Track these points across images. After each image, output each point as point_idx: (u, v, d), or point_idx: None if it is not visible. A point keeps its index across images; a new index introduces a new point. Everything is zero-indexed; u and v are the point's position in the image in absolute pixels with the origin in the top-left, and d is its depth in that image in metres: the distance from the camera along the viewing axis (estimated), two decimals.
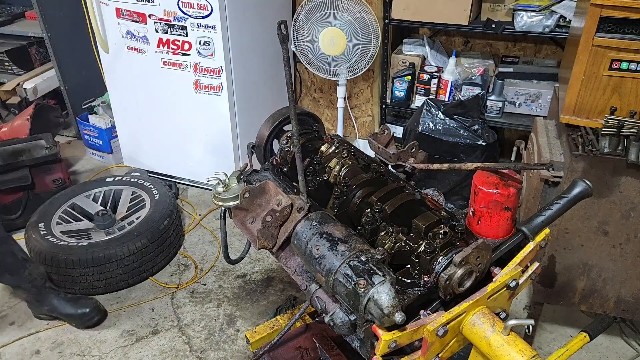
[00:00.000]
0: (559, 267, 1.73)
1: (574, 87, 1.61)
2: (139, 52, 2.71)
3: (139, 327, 2.12)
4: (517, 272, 0.97)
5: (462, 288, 0.95)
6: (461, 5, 2.59)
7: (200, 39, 2.53)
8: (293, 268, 1.08)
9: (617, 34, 1.51)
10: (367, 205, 1.10)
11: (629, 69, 1.53)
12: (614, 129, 1.49)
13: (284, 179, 1.26)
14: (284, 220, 1.07)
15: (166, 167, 3.08)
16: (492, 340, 0.88)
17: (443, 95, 2.89)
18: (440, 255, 0.97)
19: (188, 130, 2.84)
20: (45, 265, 2.18)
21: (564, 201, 1.07)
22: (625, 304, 1.73)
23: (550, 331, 2.06)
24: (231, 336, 2.07)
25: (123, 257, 2.20)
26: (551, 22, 2.47)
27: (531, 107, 2.78)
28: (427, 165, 1.27)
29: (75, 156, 3.46)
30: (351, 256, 0.90)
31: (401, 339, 0.87)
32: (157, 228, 2.33)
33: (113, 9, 2.65)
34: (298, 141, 1.04)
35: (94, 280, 2.20)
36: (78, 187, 2.65)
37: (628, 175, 1.53)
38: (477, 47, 3.14)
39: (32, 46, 3.60)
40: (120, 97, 2.99)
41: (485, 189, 1.06)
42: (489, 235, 1.09)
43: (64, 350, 2.02)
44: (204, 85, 2.65)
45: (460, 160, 2.62)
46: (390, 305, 0.83)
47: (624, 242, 1.63)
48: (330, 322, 0.95)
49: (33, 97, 3.42)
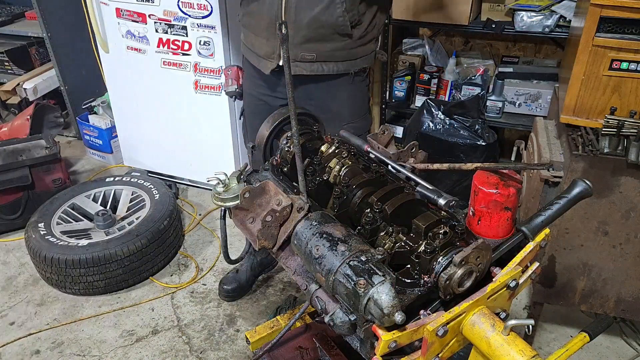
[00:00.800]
0: (559, 267, 1.73)
1: (574, 87, 1.61)
2: (139, 52, 2.71)
3: (139, 327, 2.12)
4: (517, 272, 0.97)
5: (462, 288, 0.95)
6: (461, 5, 2.59)
7: (200, 39, 2.53)
8: (293, 268, 1.08)
9: (617, 34, 1.51)
10: (367, 205, 1.10)
11: (629, 69, 1.53)
12: (614, 129, 1.49)
13: (284, 179, 1.26)
14: (284, 220, 1.07)
15: (166, 167, 3.08)
16: (492, 340, 0.88)
17: (443, 95, 2.90)
18: (440, 255, 0.97)
19: (188, 130, 2.85)
20: (45, 265, 2.18)
21: (564, 201, 1.07)
22: (625, 304, 1.73)
23: (550, 331, 2.06)
24: (231, 336, 2.07)
25: (123, 257, 2.21)
26: (551, 22, 2.48)
27: (531, 107, 2.78)
28: (427, 165, 1.26)
29: (75, 156, 3.46)
30: (351, 256, 0.90)
31: (401, 339, 0.87)
32: (157, 228, 2.33)
33: (113, 9, 2.65)
34: (298, 141, 1.04)
35: (94, 280, 2.20)
36: (78, 187, 2.65)
37: (628, 175, 1.53)
38: (477, 47, 3.14)
39: (32, 46, 3.60)
40: (120, 97, 2.99)
41: (485, 189, 1.06)
42: (489, 235, 1.09)
43: (64, 350, 2.02)
44: (204, 85, 2.65)
45: (460, 160, 2.62)
46: (390, 305, 0.83)
47: (624, 242, 1.63)
48: (330, 322, 0.95)
49: (33, 97, 3.42)
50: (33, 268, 2.38)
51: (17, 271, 2.44)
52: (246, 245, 1.60)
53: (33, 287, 2.33)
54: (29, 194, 2.69)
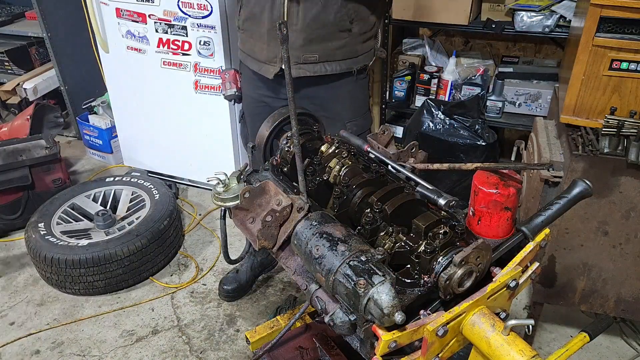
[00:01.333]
0: (559, 267, 1.73)
1: (574, 87, 1.61)
2: (139, 52, 2.71)
3: (139, 327, 2.12)
4: (517, 272, 0.97)
5: (462, 288, 0.95)
6: (461, 5, 2.59)
7: (200, 39, 2.53)
8: (293, 268, 1.08)
9: (617, 34, 1.51)
10: (367, 205, 1.10)
11: (629, 69, 1.53)
12: (614, 129, 1.49)
13: (284, 179, 1.26)
14: (284, 220, 1.07)
15: (166, 167, 3.08)
16: (492, 340, 0.88)
17: (443, 95, 2.90)
18: (440, 255, 0.97)
19: (188, 131, 2.85)
20: (45, 265, 2.18)
21: (564, 201, 1.07)
22: (625, 304, 1.73)
23: (550, 331, 2.06)
24: (231, 336, 2.07)
25: (123, 257, 2.20)
26: (551, 22, 2.48)
27: (531, 107, 2.78)
28: (427, 166, 1.26)
29: (75, 156, 3.47)
30: (351, 256, 0.90)
31: (401, 339, 0.87)
32: (157, 228, 2.33)
33: (113, 9, 2.65)
34: (298, 141, 1.04)
35: (94, 280, 2.20)
36: (78, 187, 2.66)
37: (628, 175, 1.53)
38: (477, 47, 3.14)
39: (32, 46, 3.60)
40: (120, 97, 2.99)
41: (485, 189, 1.06)
42: (489, 235, 1.09)
43: (64, 350, 2.02)
44: (203, 85, 2.65)
45: (460, 160, 2.62)
46: (390, 305, 0.83)
47: (624, 242, 1.63)
48: (330, 322, 0.95)
49: (33, 97, 3.43)
50: (33, 268, 2.38)
51: (17, 271, 2.44)
52: (246, 245, 1.60)
53: (33, 287, 2.34)
54: (29, 194, 2.69)
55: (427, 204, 1.12)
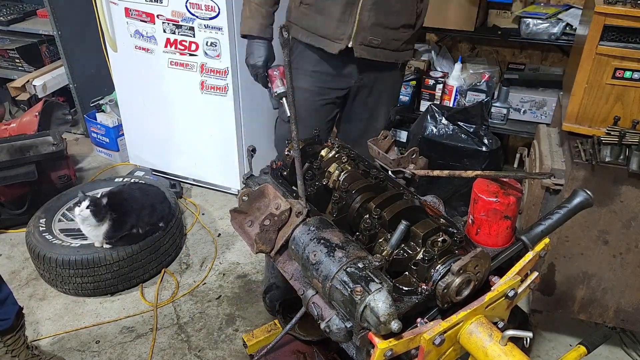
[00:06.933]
0: (559, 276, 1.72)
1: (577, 95, 1.61)
2: (147, 51, 2.73)
3: (139, 324, 2.13)
4: (516, 282, 0.97)
5: (460, 297, 0.95)
6: (467, 11, 2.59)
7: (207, 40, 2.54)
8: (290, 273, 1.08)
9: (621, 42, 1.51)
10: (365, 211, 1.10)
11: (632, 78, 1.53)
12: (616, 138, 1.48)
13: (283, 182, 1.26)
14: (282, 225, 1.06)
15: (171, 166, 3.10)
16: (489, 350, 0.88)
17: (448, 101, 2.89)
18: (439, 263, 0.97)
19: (193, 130, 2.86)
20: (38, 262, 2.18)
21: (564, 211, 1.06)
22: (624, 314, 1.73)
23: (550, 339, 2.05)
24: (230, 335, 2.08)
25: (112, 262, 2.18)
26: (557, 29, 2.47)
27: (536, 115, 2.78)
28: (427, 172, 1.26)
29: (82, 153, 3.49)
30: (348, 262, 0.89)
31: (397, 347, 0.87)
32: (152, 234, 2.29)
33: (122, 8, 2.68)
34: (298, 145, 1.04)
35: (82, 282, 2.19)
36: (87, 186, 2.67)
37: (629, 185, 1.52)
38: (484, 53, 3.13)
39: (43, 44, 3.64)
40: (128, 96, 3.02)
41: (485, 197, 1.06)
42: (488, 243, 1.08)
43: (64, 345, 2.03)
44: (210, 86, 2.67)
45: (464, 165, 2.62)
46: (386, 313, 0.82)
47: (624, 251, 1.62)
48: (326, 328, 0.95)
49: (42, 94, 3.46)
50: None
51: (20, 265, 2.46)
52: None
53: (36, 281, 2.35)
54: (34, 190, 2.71)
55: (427, 211, 1.12)
